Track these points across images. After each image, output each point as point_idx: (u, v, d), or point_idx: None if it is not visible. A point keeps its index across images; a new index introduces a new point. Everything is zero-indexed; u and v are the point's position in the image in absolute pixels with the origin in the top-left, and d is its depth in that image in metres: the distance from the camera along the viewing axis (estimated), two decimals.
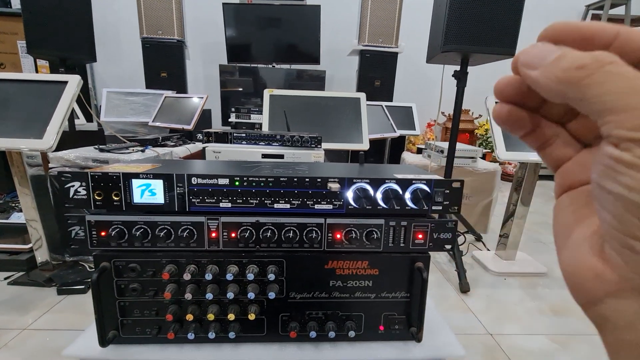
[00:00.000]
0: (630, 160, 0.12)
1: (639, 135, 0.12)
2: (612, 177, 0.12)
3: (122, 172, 0.42)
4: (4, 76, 1.23)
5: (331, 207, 0.46)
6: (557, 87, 0.13)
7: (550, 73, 0.14)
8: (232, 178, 0.44)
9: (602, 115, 0.12)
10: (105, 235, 0.43)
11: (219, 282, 0.46)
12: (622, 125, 0.12)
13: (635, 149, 0.12)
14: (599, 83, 0.12)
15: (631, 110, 0.12)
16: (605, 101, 0.12)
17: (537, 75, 0.14)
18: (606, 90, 0.12)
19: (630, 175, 0.12)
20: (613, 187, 0.12)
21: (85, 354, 0.46)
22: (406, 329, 0.50)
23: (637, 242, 0.12)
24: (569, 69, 0.13)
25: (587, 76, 0.13)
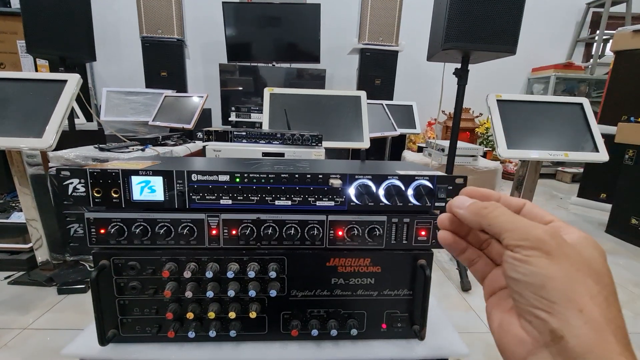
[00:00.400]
0: (520, 257, 0.20)
1: (521, 242, 0.21)
2: (513, 269, 0.21)
3: (122, 168, 0.42)
4: (4, 75, 1.22)
5: (333, 204, 0.45)
6: (474, 218, 0.24)
7: (470, 210, 0.24)
8: (232, 175, 0.43)
9: (501, 233, 0.22)
10: (105, 232, 0.43)
11: (219, 280, 0.46)
12: (512, 238, 0.21)
13: (522, 250, 0.21)
14: (495, 216, 0.23)
15: (515, 230, 0.21)
16: (500, 225, 0.22)
17: (462, 212, 0.25)
18: (500, 220, 0.22)
19: (522, 267, 0.20)
20: (515, 275, 0.21)
21: (85, 353, 0.45)
22: (409, 327, 0.49)
23: (533, 309, 0.20)
24: (480, 208, 0.24)
25: (490, 212, 0.23)
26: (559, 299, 0.19)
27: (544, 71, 3.64)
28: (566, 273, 0.19)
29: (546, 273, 0.19)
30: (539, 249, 0.20)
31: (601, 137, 1.39)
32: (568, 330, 0.18)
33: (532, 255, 0.20)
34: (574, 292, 0.19)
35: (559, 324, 0.18)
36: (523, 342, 0.21)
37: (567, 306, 0.19)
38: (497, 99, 1.44)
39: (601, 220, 2.24)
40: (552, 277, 0.19)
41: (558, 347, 0.19)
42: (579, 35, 3.72)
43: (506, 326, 0.22)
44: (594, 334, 0.18)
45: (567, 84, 3.67)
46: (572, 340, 0.18)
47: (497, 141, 1.42)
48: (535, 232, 0.20)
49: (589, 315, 0.18)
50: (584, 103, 1.49)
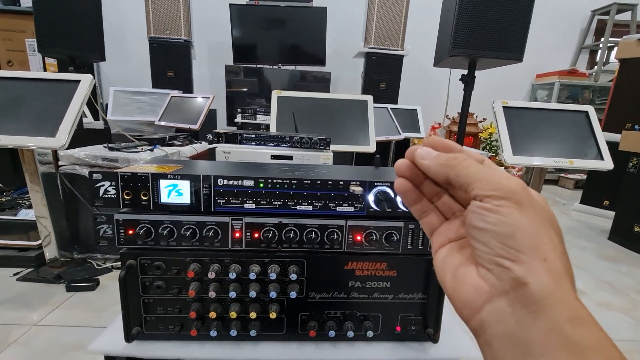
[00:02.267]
0: (490, 207, 0.21)
1: (492, 193, 0.21)
2: (480, 218, 0.21)
3: (151, 172, 0.43)
4: (17, 75, 1.24)
5: (352, 210, 0.47)
6: (441, 170, 0.24)
7: (437, 161, 0.24)
8: (256, 180, 0.45)
9: (470, 184, 0.22)
10: (133, 233, 0.45)
11: (241, 281, 0.47)
12: (482, 189, 0.21)
13: (492, 200, 0.21)
14: (465, 167, 0.23)
15: (486, 180, 0.21)
16: (471, 176, 0.22)
17: (428, 162, 0.24)
18: (471, 171, 0.22)
19: (491, 216, 0.21)
20: (482, 224, 0.21)
21: (110, 350, 0.47)
22: (422, 329, 0.51)
23: (499, 258, 0.20)
24: (449, 159, 0.23)
25: (459, 163, 0.23)
26: (526, 248, 0.20)
27: (548, 77, 3.66)
28: (534, 224, 0.20)
29: (516, 223, 0.20)
30: (511, 199, 0.20)
31: (606, 144, 1.40)
32: (532, 277, 0.19)
33: (503, 205, 0.20)
34: (541, 242, 0.20)
35: (523, 272, 0.19)
36: (479, 290, 0.21)
37: (533, 255, 0.19)
38: (503, 106, 1.45)
39: (604, 227, 2.25)
40: (522, 227, 0.20)
41: (518, 294, 0.19)
42: (584, 42, 3.74)
43: (461, 276, 0.23)
44: (555, 279, 0.19)
45: (571, 90, 3.69)
46: (534, 286, 0.19)
47: (503, 147, 1.44)
48: (508, 183, 0.21)
49: (552, 264, 0.20)
50: (589, 111, 1.51)
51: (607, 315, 1.26)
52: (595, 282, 1.54)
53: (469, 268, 0.23)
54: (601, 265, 1.73)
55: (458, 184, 0.23)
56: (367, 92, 2.74)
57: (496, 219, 0.20)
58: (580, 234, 2.15)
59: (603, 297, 1.40)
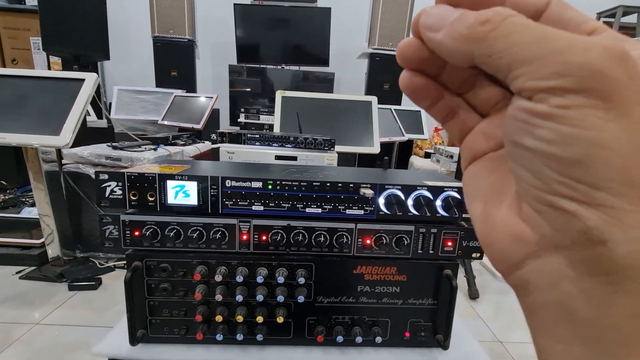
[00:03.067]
0: (547, 111, 0.11)
1: (552, 83, 0.11)
2: (528, 131, 0.12)
3: (158, 173, 0.43)
4: (22, 73, 1.24)
5: (362, 213, 0.46)
6: (463, 47, 0.13)
7: (455, 32, 0.13)
8: (265, 181, 0.44)
9: (512, 69, 0.12)
10: (139, 235, 0.44)
11: (248, 284, 0.47)
12: (533, 76, 0.11)
13: (550, 98, 0.11)
14: (504, 36, 0.12)
15: (540, 59, 0.11)
16: (513, 52, 0.12)
17: (442, 36, 0.13)
18: (513, 41, 0.12)
19: (548, 127, 0.11)
20: (530, 142, 0.12)
21: (114, 353, 0.46)
22: (432, 336, 0.50)
23: (557, 197, 0.12)
24: (474, 25, 0.12)
25: (493, 29, 0.12)
26: (610, 182, 0.11)
27: None
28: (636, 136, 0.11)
29: (598, 137, 0.11)
30: (592, 91, 0.11)
31: None
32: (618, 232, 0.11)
33: (574, 105, 0.11)
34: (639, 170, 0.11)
35: (601, 222, 0.11)
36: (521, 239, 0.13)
37: (624, 194, 0.11)
38: None
39: None
40: (608, 144, 0.11)
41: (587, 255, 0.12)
42: None
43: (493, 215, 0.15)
44: None
45: None
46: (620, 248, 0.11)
47: None
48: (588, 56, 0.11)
49: None
50: None
51: None
52: None
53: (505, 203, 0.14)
54: None
55: (491, 69, 0.13)
56: (371, 93, 2.73)
57: (557, 132, 0.11)
58: None
59: None
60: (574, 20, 0.14)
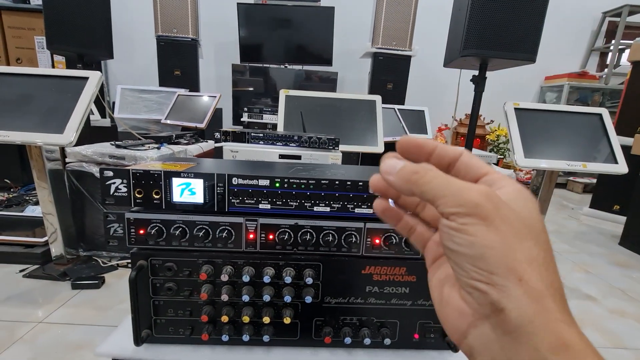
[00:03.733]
0: (456, 226, 0.18)
1: (456, 209, 0.18)
2: (449, 239, 0.19)
3: (164, 170, 0.42)
4: (26, 71, 1.24)
5: (371, 212, 0.45)
6: (405, 186, 0.20)
7: (400, 176, 0.21)
8: (272, 179, 0.43)
9: (435, 200, 0.19)
10: (144, 233, 0.43)
11: (254, 284, 0.46)
12: (446, 205, 0.19)
13: (457, 218, 0.18)
14: (427, 182, 0.19)
15: (448, 195, 0.18)
16: (433, 191, 0.19)
17: (392, 178, 0.21)
18: (433, 185, 0.19)
19: (458, 236, 0.18)
20: (452, 245, 0.19)
21: (118, 353, 0.45)
22: (441, 338, 0.49)
23: (474, 281, 0.18)
24: (409, 174, 0.20)
25: (420, 177, 0.20)
26: (497, 269, 0.17)
27: (558, 80, 3.61)
28: (504, 239, 0.18)
29: (484, 242, 0.17)
30: (475, 215, 0.18)
31: (620, 148, 1.37)
32: (508, 301, 0.17)
33: (468, 223, 0.18)
34: (513, 259, 0.17)
35: (498, 296, 0.17)
36: (463, 314, 0.19)
37: (506, 276, 0.17)
38: (515, 107, 1.42)
39: (614, 232, 2.21)
40: (490, 245, 0.17)
41: (498, 319, 0.17)
42: (594, 44, 3.69)
43: (446, 297, 0.21)
44: (534, 303, 0.17)
45: (580, 93, 3.64)
46: (512, 312, 0.17)
47: (514, 150, 1.41)
48: (469, 195, 0.18)
49: (528, 283, 0.17)
50: (603, 114, 1.48)
51: (620, 322, 1.23)
52: (607, 288, 1.51)
53: (453, 289, 0.21)
54: (613, 271, 1.70)
55: (424, 199, 0.20)
56: (374, 92, 2.71)
57: (463, 239, 0.18)
58: (591, 239, 2.11)
59: (615, 304, 1.36)
60: (475, 165, 0.21)
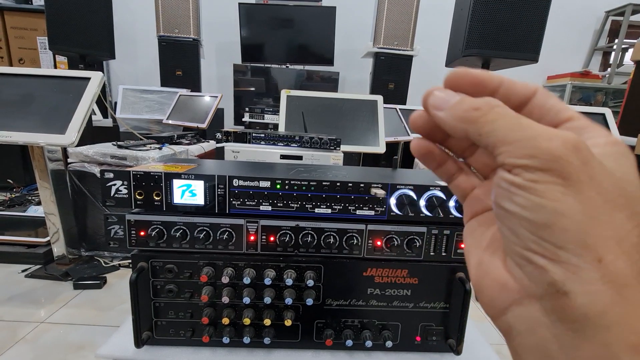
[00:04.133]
0: (521, 183, 0.14)
1: (524, 162, 0.14)
2: (508, 197, 0.15)
3: (164, 172, 0.42)
4: (27, 71, 1.24)
5: (373, 213, 0.44)
6: (459, 125, 0.17)
7: (453, 113, 0.17)
8: (273, 181, 0.43)
9: (496, 147, 0.15)
10: (145, 235, 0.43)
11: (255, 286, 0.45)
12: (512, 154, 0.15)
13: (524, 173, 0.14)
14: (491, 121, 0.15)
15: (517, 142, 0.15)
16: (497, 135, 0.15)
17: (443, 115, 0.17)
18: (497, 126, 0.15)
19: (522, 196, 0.14)
20: (509, 206, 0.15)
21: (119, 355, 0.45)
22: (444, 340, 0.48)
23: (531, 253, 0.15)
24: (468, 110, 0.16)
25: (482, 115, 0.16)
26: (569, 243, 0.14)
27: (560, 79, 3.59)
28: (588, 207, 0.14)
29: (558, 207, 0.14)
30: (553, 171, 0.14)
31: None
32: (576, 284, 0.13)
33: (540, 181, 0.14)
34: (596, 234, 0.14)
35: (563, 276, 0.14)
36: (506, 288, 0.16)
37: (580, 254, 0.13)
38: None
39: None
40: (567, 213, 0.14)
41: (556, 304, 0.14)
42: (597, 43, 3.67)
43: (486, 265, 0.17)
44: (613, 291, 0.13)
45: (583, 92, 3.62)
46: (579, 299, 0.13)
47: None
48: (549, 145, 0.14)
49: (611, 266, 0.13)
50: (606, 113, 1.47)
51: None
52: None
53: (496, 255, 0.17)
54: None
55: (482, 144, 0.16)
56: (376, 92, 2.71)
57: (528, 200, 0.14)
58: None
59: None
60: (555, 107, 0.17)
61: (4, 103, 1.17)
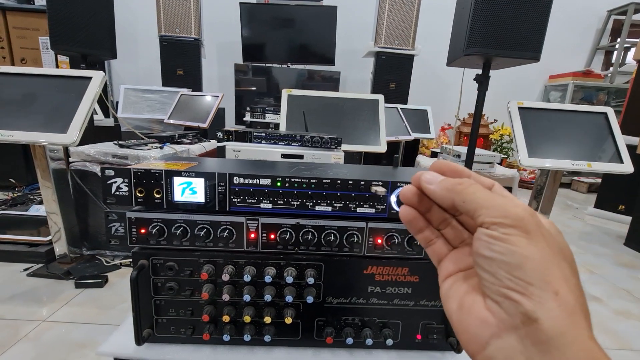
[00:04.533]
0: (498, 235, 0.19)
1: (500, 220, 0.20)
2: (487, 247, 0.20)
3: (165, 169, 0.42)
4: (29, 71, 1.25)
5: (373, 211, 0.44)
6: (446, 195, 0.22)
7: (443, 186, 0.23)
8: (274, 178, 0.43)
9: (477, 210, 0.21)
10: (145, 232, 0.43)
11: (255, 284, 0.45)
12: (489, 215, 0.20)
13: (499, 228, 0.19)
14: (471, 192, 0.21)
15: (492, 207, 0.20)
16: (477, 202, 0.21)
17: (434, 187, 0.23)
18: (476, 197, 0.21)
19: (499, 245, 0.19)
20: (489, 253, 0.20)
21: (120, 352, 0.45)
22: (444, 338, 0.48)
23: (508, 290, 0.19)
24: (454, 184, 0.22)
25: (465, 188, 0.22)
26: (535, 280, 0.18)
27: (562, 79, 3.58)
28: (544, 254, 0.19)
29: (524, 253, 0.18)
30: (519, 227, 0.19)
31: (626, 147, 1.36)
32: (543, 312, 0.18)
33: (511, 234, 0.19)
34: (551, 274, 0.18)
35: (533, 307, 0.18)
36: (487, 323, 0.20)
37: (543, 288, 0.18)
38: (519, 107, 1.41)
39: (619, 232, 2.19)
40: (531, 257, 0.18)
41: (528, 330, 0.18)
42: (599, 42, 3.66)
43: (467, 307, 0.21)
44: (568, 317, 0.18)
45: (585, 92, 3.61)
46: (546, 323, 0.17)
47: (518, 149, 1.39)
48: (515, 210, 0.20)
49: (564, 298, 0.18)
50: (608, 112, 1.46)
51: (626, 324, 1.21)
52: (612, 289, 1.49)
53: (476, 298, 0.21)
54: (618, 271, 1.68)
55: (464, 210, 0.21)
56: (377, 92, 2.71)
57: (503, 247, 0.19)
58: (595, 239, 2.09)
59: (621, 305, 1.35)
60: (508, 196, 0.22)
61: (6, 102, 1.17)
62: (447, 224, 0.26)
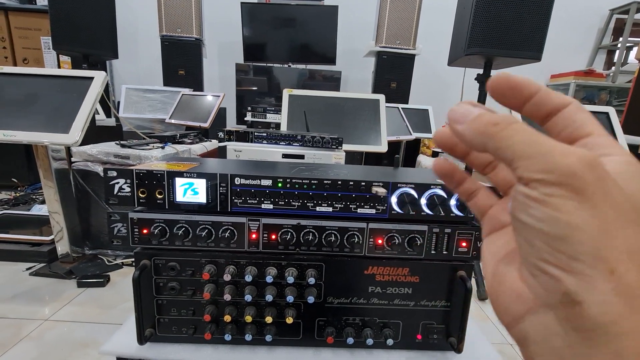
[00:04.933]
0: (537, 196, 0.15)
1: (541, 176, 0.14)
2: (524, 210, 0.15)
3: (167, 170, 0.42)
4: (31, 71, 1.25)
5: (374, 212, 0.45)
6: (478, 138, 0.17)
7: (472, 127, 0.17)
8: (275, 179, 0.43)
9: (513, 161, 0.15)
10: (147, 233, 0.43)
11: (257, 284, 0.46)
12: (528, 169, 0.15)
13: (540, 187, 0.15)
14: (508, 136, 0.16)
15: (533, 157, 0.15)
16: (514, 149, 0.15)
17: (463, 128, 0.18)
18: (514, 141, 0.15)
19: (538, 209, 0.15)
20: (525, 218, 0.15)
21: (122, 351, 0.46)
22: (444, 338, 0.48)
23: (544, 263, 0.15)
24: (487, 124, 0.17)
25: (500, 130, 0.16)
26: (583, 255, 0.14)
27: (564, 78, 3.57)
28: (601, 221, 0.14)
29: (572, 220, 0.14)
30: (567, 186, 0.14)
31: (627, 148, 1.36)
32: (589, 294, 0.14)
33: (554, 195, 0.14)
34: (608, 247, 0.14)
35: (576, 286, 0.14)
36: (521, 297, 0.16)
37: (594, 265, 0.14)
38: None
39: None
40: (580, 226, 0.14)
41: (569, 313, 0.14)
42: (601, 42, 3.64)
43: (502, 275, 0.18)
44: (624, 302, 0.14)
45: (587, 91, 3.60)
46: (592, 308, 0.14)
47: None
48: (565, 160, 0.14)
49: (623, 278, 0.14)
50: (610, 112, 1.46)
51: None
52: None
53: (512, 266, 0.18)
54: None
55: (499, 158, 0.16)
56: (378, 91, 2.70)
57: (544, 213, 0.14)
58: None
59: None
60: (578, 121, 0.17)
61: (8, 103, 1.18)
62: (493, 167, 0.21)
